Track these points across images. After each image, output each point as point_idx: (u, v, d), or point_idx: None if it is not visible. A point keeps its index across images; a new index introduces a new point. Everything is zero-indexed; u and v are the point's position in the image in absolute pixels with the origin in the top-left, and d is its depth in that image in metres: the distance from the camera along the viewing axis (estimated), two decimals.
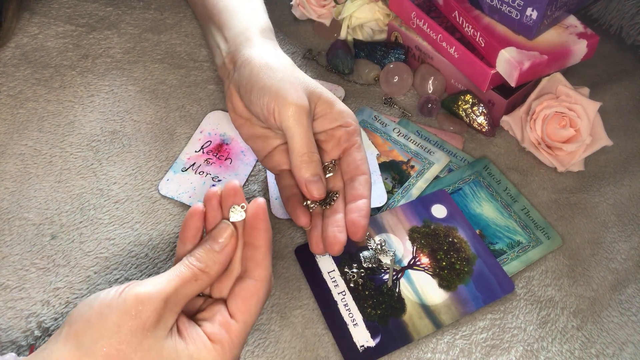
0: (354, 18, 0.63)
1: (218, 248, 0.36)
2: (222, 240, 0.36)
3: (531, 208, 0.52)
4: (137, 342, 0.31)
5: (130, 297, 0.32)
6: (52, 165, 0.53)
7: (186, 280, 0.34)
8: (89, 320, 0.32)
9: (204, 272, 0.35)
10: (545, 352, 0.44)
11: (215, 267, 0.36)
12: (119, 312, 0.32)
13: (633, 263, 0.50)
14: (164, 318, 0.33)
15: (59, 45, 0.62)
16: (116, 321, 0.31)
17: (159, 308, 0.32)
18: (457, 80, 0.59)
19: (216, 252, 0.36)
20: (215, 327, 0.34)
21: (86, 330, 0.31)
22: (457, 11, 0.55)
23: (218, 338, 0.34)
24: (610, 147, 0.57)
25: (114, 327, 0.31)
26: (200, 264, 0.35)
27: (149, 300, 0.32)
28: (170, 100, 0.58)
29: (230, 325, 0.35)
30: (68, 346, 0.31)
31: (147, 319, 0.32)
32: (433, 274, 0.47)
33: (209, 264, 0.35)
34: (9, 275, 0.46)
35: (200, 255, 0.36)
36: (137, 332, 0.31)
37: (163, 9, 0.66)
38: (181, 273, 0.34)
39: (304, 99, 0.42)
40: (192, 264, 0.35)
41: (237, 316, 0.35)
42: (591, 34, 0.54)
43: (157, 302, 0.32)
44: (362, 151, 0.44)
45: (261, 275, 0.36)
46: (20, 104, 0.57)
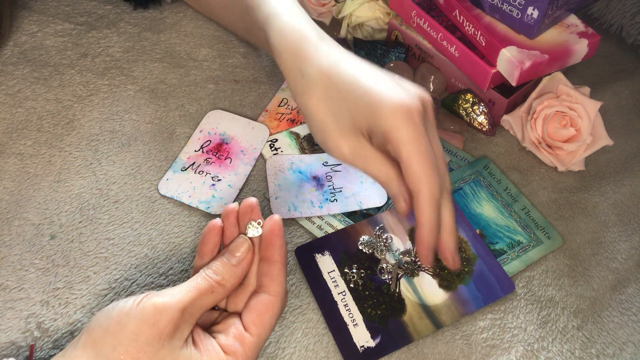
0: (354, 17, 0.62)
1: (235, 262, 0.37)
2: (239, 255, 0.37)
3: (532, 208, 0.52)
4: (154, 352, 0.32)
5: (149, 307, 0.33)
6: (51, 164, 0.52)
7: (203, 292, 0.35)
8: (108, 329, 0.33)
9: (220, 284, 0.36)
10: (546, 352, 0.44)
11: (232, 280, 0.36)
12: (137, 321, 0.32)
13: (633, 263, 0.50)
14: (180, 328, 0.33)
15: (57, 44, 0.62)
16: (134, 330, 0.32)
17: (175, 318, 0.33)
18: (457, 80, 0.59)
19: (233, 265, 0.37)
20: (230, 340, 0.35)
21: (104, 338, 0.32)
22: (457, 10, 0.55)
23: (232, 350, 0.34)
24: (611, 147, 0.57)
25: (131, 336, 0.32)
26: (217, 277, 0.36)
27: (166, 311, 0.33)
28: (170, 100, 0.58)
29: (245, 338, 0.35)
30: (86, 353, 0.32)
31: (164, 328, 0.32)
32: (433, 274, 0.47)
33: (225, 277, 0.36)
34: (9, 275, 0.46)
35: (217, 268, 0.36)
36: (154, 341, 0.32)
37: (162, 8, 0.66)
38: (198, 285, 0.35)
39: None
40: (209, 277, 0.36)
41: (251, 329, 0.36)
42: (592, 33, 0.54)
43: (174, 312, 0.33)
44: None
45: (276, 290, 0.37)
46: (19, 103, 0.56)
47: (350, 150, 0.37)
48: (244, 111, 0.58)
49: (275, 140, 0.56)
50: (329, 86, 0.37)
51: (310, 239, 0.49)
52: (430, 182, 0.35)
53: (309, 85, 0.38)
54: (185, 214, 0.50)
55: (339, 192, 0.52)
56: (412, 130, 0.34)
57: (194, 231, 0.49)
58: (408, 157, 0.34)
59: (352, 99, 0.36)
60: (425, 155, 0.35)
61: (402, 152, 0.34)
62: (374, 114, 0.35)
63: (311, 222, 0.50)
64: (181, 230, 0.49)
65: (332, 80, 0.37)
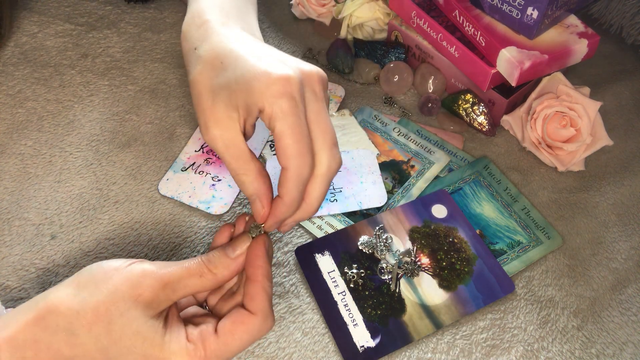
0: (354, 17, 0.62)
1: (232, 255, 0.37)
2: (238, 250, 0.37)
3: (531, 208, 0.52)
4: (125, 309, 0.33)
5: (137, 270, 0.34)
6: (51, 165, 0.52)
7: (191, 273, 0.35)
8: (95, 276, 0.34)
9: (211, 271, 0.36)
10: (546, 352, 0.44)
11: (223, 271, 0.36)
12: (122, 278, 0.34)
13: (633, 263, 0.50)
14: (158, 299, 0.34)
15: (58, 44, 0.62)
16: (116, 284, 0.33)
17: (156, 287, 0.34)
18: (457, 80, 0.59)
19: (229, 258, 0.37)
20: (196, 332, 0.35)
21: (88, 283, 0.34)
22: (457, 10, 0.55)
23: (194, 340, 0.34)
24: (611, 147, 0.57)
25: (111, 288, 0.33)
26: (210, 264, 0.36)
27: (150, 277, 0.34)
28: (170, 100, 0.58)
29: (209, 338, 0.35)
30: (67, 290, 0.33)
31: (142, 292, 0.33)
32: (433, 274, 0.47)
33: (218, 266, 0.36)
34: (9, 275, 0.46)
35: (213, 255, 0.37)
36: (129, 300, 0.33)
37: (163, 8, 0.66)
38: (189, 265, 0.36)
39: None
40: (202, 261, 0.36)
41: (219, 333, 0.35)
42: (592, 33, 0.54)
43: (157, 281, 0.34)
44: None
45: (255, 309, 0.36)
46: (19, 103, 0.57)
47: (219, 133, 0.35)
48: None
49: None
50: (215, 63, 0.37)
51: (310, 239, 0.49)
52: (298, 159, 0.34)
53: (197, 60, 0.38)
54: (186, 214, 0.50)
55: (339, 192, 0.52)
56: (285, 104, 0.34)
57: (194, 231, 0.49)
58: (279, 132, 0.34)
59: (232, 75, 0.35)
60: (296, 131, 0.34)
61: (275, 126, 0.34)
62: (250, 89, 0.34)
63: (311, 222, 0.50)
64: (181, 230, 0.49)
65: (219, 57, 0.37)
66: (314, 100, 0.36)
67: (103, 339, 0.33)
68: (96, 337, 0.33)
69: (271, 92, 0.34)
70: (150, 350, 0.33)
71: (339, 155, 0.37)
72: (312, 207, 0.38)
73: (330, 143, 0.36)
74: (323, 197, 0.38)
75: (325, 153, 0.36)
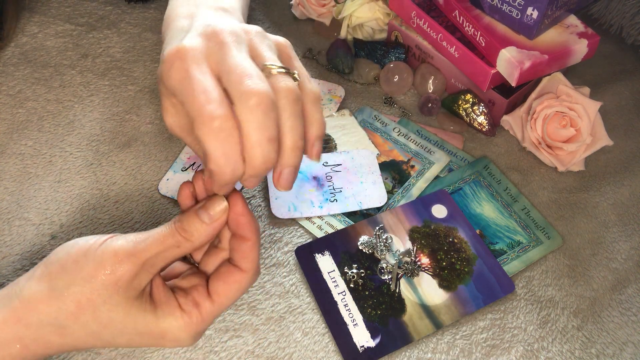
0: (354, 17, 0.63)
1: (207, 220, 0.35)
2: (212, 214, 0.35)
3: (531, 208, 0.52)
4: (108, 295, 0.32)
5: (108, 252, 0.33)
6: (51, 165, 0.53)
7: (168, 246, 0.34)
8: (64, 266, 0.33)
9: (188, 240, 0.34)
10: (546, 352, 0.44)
11: (201, 238, 0.35)
12: (95, 264, 0.32)
13: (633, 263, 0.50)
14: (139, 277, 0.33)
15: (58, 45, 0.62)
16: (90, 272, 0.32)
17: (135, 268, 0.33)
18: (457, 80, 0.59)
19: (205, 223, 0.34)
20: (189, 301, 0.34)
21: (60, 274, 0.33)
22: (457, 10, 0.55)
23: (188, 310, 0.34)
24: (611, 147, 0.57)
25: (87, 277, 0.32)
26: (186, 232, 0.34)
27: (126, 260, 0.32)
28: None
29: (204, 303, 0.35)
30: (41, 286, 0.33)
31: (121, 276, 0.32)
32: (433, 274, 0.47)
33: (194, 234, 0.34)
34: (9, 275, 0.46)
35: (188, 222, 0.35)
36: (109, 286, 0.32)
37: (163, 9, 0.66)
38: (164, 238, 0.34)
39: None
40: (176, 230, 0.34)
41: (214, 297, 0.35)
42: (592, 33, 0.54)
43: (134, 262, 0.33)
44: None
45: (247, 266, 0.36)
46: (19, 103, 0.57)
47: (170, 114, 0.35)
48: None
49: None
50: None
51: (310, 239, 0.49)
52: (203, 112, 0.30)
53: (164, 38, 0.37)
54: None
55: (339, 192, 0.52)
56: (177, 72, 0.31)
57: None
58: (181, 101, 0.31)
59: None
60: (195, 89, 0.30)
61: (177, 97, 0.32)
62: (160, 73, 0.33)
63: (311, 222, 0.50)
64: None
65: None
66: (216, 51, 0.32)
67: (92, 326, 0.32)
68: (84, 325, 0.32)
69: (165, 68, 0.32)
70: (144, 328, 0.33)
71: (254, 84, 0.31)
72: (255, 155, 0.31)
73: (237, 79, 0.31)
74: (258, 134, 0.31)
75: (233, 89, 0.31)
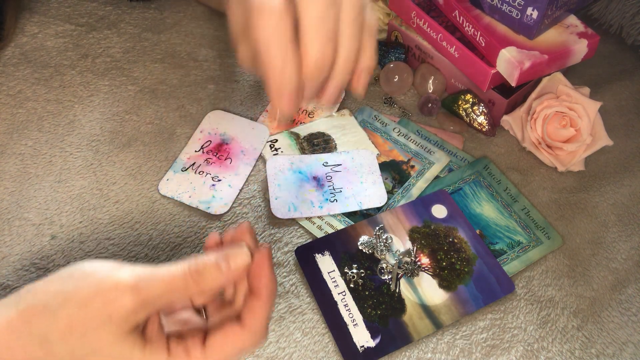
0: None
1: (225, 269, 0.34)
2: (232, 264, 0.34)
3: (531, 208, 0.52)
4: (100, 324, 0.31)
5: (109, 282, 0.31)
6: (51, 165, 0.53)
7: (175, 287, 0.32)
8: (64, 284, 0.32)
9: (197, 285, 0.33)
10: (546, 352, 0.44)
11: (212, 285, 0.33)
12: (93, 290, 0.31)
13: (633, 263, 0.50)
14: (136, 314, 0.32)
15: (58, 45, 0.62)
16: (87, 297, 0.31)
17: (133, 305, 0.31)
18: (457, 80, 0.59)
19: (221, 271, 0.33)
20: (180, 347, 0.33)
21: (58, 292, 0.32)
22: (457, 10, 0.55)
23: (176, 355, 0.33)
24: (611, 147, 0.57)
25: (83, 301, 0.31)
26: (198, 275, 0.33)
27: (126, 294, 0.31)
28: (170, 100, 0.58)
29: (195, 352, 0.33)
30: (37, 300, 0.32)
31: (117, 310, 0.31)
32: (433, 274, 0.47)
33: (207, 279, 0.33)
34: (9, 275, 0.46)
35: (203, 266, 0.33)
36: (102, 316, 0.31)
37: (163, 9, 0.66)
38: (173, 279, 0.33)
39: None
40: (189, 272, 0.33)
41: (208, 349, 0.34)
42: (592, 33, 0.54)
43: (133, 299, 0.31)
44: None
45: (251, 323, 0.34)
46: (19, 103, 0.57)
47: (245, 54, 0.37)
48: (244, 111, 0.58)
49: (275, 140, 0.56)
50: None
51: (310, 239, 0.49)
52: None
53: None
54: (186, 214, 0.50)
55: (339, 192, 0.52)
56: (266, 24, 0.33)
57: (194, 231, 0.49)
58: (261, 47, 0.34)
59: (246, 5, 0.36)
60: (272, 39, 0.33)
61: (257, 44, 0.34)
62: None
63: (311, 222, 0.50)
64: (181, 230, 0.49)
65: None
66: None
67: (78, 350, 0.31)
68: (71, 348, 0.31)
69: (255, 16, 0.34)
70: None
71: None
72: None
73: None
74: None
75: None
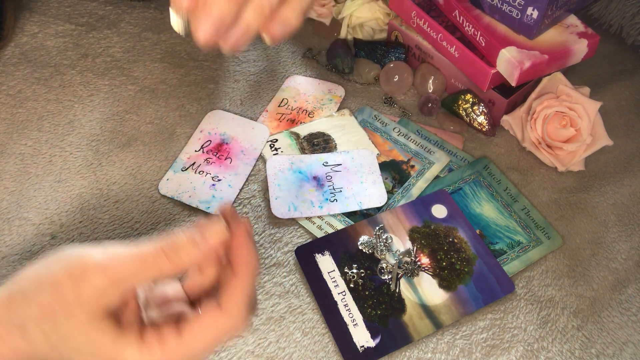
0: (354, 17, 0.62)
1: (202, 245, 0.32)
2: (209, 240, 0.32)
3: (531, 208, 0.52)
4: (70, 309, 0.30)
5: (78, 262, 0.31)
6: (51, 164, 0.53)
7: (146, 265, 0.31)
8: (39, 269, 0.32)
9: (171, 261, 0.31)
10: (546, 352, 0.44)
11: (186, 260, 0.31)
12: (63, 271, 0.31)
13: (633, 263, 0.50)
14: (107, 296, 0.31)
15: (58, 44, 0.62)
16: (57, 279, 0.31)
17: (101, 286, 0.30)
18: (457, 80, 0.59)
19: (196, 247, 0.32)
20: (154, 333, 0.32)
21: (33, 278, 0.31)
22: (457, 10, 0.55)
23: (150, 342, 0.31)
24: (611, 147, 0.57)
25: (53, 283, 0.31)
26: (172, 252, 0.31)
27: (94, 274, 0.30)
28: (170, 100, 0.58)
29: (170, 339, 0.31)
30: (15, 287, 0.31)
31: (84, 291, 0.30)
32: (433, 274, 0.47)
33: (181, 255, 0.31)
34: (9, 275, 0.46)
35: (178, 242, 0.32)
36: (73, 300, 0.30)
37: (163, 8, 0.66)
38: (144, 256, 0.31)
39: None
40: (162, 249, 0.31)
41: (183, 335, 0.31)
42: (592, 33, 0.54)
43: (102, 279, 0.30)
44: None
45: (229, 308, 0.32)
46: (19, 103, 0.57)
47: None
48: (244, 111, 0.58)
49: (275, 140, 0.56)
50: None
51: (310, 239, 0.49)
52: None
53: None
54: (185, 214, 0.50)
55: (339, 192, 0.52)
56: None
57: None
58: None
59: None
60: None
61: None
62: None
63: (311, 222, 0.50)
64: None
65: None
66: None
67: (52, 337, 0.30)
68: (46, 334, 0.30)
69: None
70: (99, 351, 0.30)
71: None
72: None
73: None
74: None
75: None
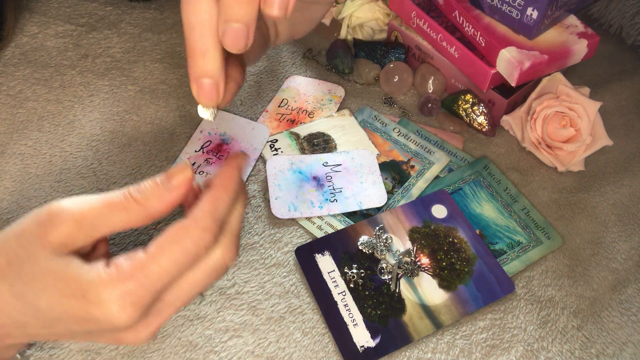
0: (354, 17, 0.63)
1: (167, 184, 0.32)
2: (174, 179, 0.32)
3: (531, 208, 0.52)
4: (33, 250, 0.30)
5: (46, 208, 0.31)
6: (51, 165, 0.53)
7: (113, 207, 0.31)
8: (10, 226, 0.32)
9: (138, 203, 0.31)
10: (546, 352, 0.44)
11: (155, 204, 0.31)
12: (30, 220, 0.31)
13: (633, 263, 0.50)
14: (73, 238, 0.30)
15: (58, 45, 0.62)
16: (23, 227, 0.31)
17: (69, 226, 0.30)
18: (457, 80, 0.59)
19: (164, 189, 0.31)
20: (120, 256, 0.31)
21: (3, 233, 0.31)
22: (457, 11, 0.55)
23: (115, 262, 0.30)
24: (611, 147, 0.57)
25: (19, 232, 0.31)
26: (139, 195, 0.31)
27: (62, 215, 0.30)
28: (170, 100, 0.58)
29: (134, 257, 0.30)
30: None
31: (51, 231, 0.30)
32: (433, 274, 0.47)
33: (148, 197, 0.31)
34: None
35: (145, 186, 0.32)
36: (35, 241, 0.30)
37: (163, 9, 0.66)
38: (111, 198, 0.31)
39: None
40: (128, 192, 0.31)
41: (148, 251, 0.31)
42: (592, 33, 0.54)
43: (69, 219, 0.30)
44: None
45: (198, 217, 0.31)
46: (19, 103, 0.57)
47: None
48: (244, 111, 0.58)
49: (275, 140, 0.56)
50: None
51: (310, 239, 0.49)
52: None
53: None
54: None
55: (339, 192, 0.52)
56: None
57: None
58: None
59: None
60: None
61: None
62: None
63: (311, 222, 0.50)
64: None
65: None
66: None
67: (17, 285, 0.30)
68: (11, 283, 0.30)
69: None
70: (63, 284, 0.30)
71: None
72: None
73: None
74: None
75: None
